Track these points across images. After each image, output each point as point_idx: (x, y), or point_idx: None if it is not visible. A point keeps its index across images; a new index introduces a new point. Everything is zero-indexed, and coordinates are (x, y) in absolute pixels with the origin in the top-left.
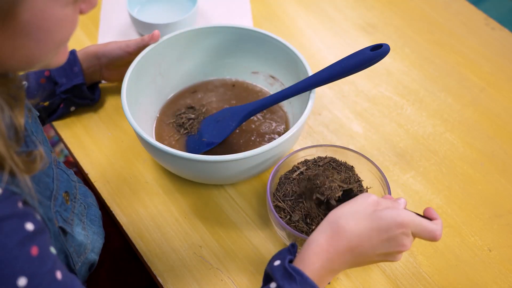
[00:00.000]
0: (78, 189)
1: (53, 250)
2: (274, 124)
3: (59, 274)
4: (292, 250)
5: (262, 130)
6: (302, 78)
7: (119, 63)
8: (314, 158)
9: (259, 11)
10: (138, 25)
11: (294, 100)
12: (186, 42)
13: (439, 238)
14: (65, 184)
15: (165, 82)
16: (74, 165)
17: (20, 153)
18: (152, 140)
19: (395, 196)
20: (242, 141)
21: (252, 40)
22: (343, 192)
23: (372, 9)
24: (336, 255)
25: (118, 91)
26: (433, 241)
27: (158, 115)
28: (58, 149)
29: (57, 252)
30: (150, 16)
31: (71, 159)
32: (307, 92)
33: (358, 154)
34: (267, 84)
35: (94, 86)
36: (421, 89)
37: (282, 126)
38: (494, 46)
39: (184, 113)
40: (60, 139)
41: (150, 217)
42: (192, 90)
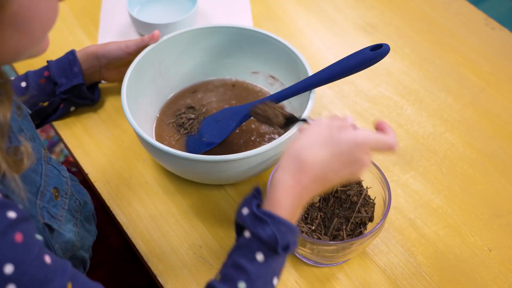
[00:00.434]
0: (73, 187)
1: (38, 237)
2: None
3: (48, 258)
4: (257, 195)
5: (262, 130)
6: (302, 78)
7: (119, 64)
8: None
9: (259, 11)
10: (138, 25)
11: (294, 100)
12: (186, 42)
13: (396, 147)
14: (55, 180)
15: (165, 82)
16: (74, 165)
17: (7, 150)
18: (152, 140)
19: (395, 196)
20: (242, 141)
21: (252, 40)
22: (286, 119)
23: (372, 9)
24: (303, 190)
25: (118, 91)
26: (391, 151)
27: (158, 115)
28: (58, 149)
29: None
30: (150, 16)
31: (71, 159)
32: (307, 92)
33: None
34: (267, 84)
35: (93, 86)
36: (421, 89)
37: None
38: (494, 46)
39: (184, 113)
40: (60, 139)
41: (150, 217)
42: (192, 90)
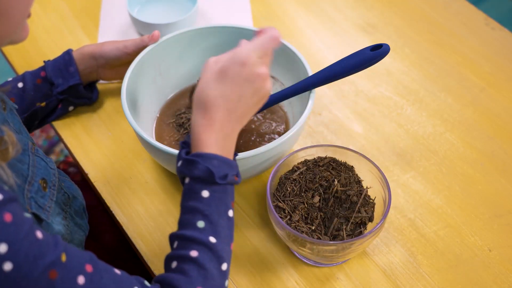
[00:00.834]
0: (64, 182)
1: (27, 215)
2: (274, 124)
3: (40, 234)
4: (184, 145)
5: (262, 130)
6: (302, 78)
7: (117, 63)
8: (314, 158)
9: (259, 11)
10: (138, 25)
11: (294, 100)
12: (186, 42)
13: (278, 35)
14: (42, 171)
15: (165, 82)
16: (74, 165)
17: None
18: (152, 140)
19: (395, 196)
20: (242, 141)
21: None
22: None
23: (372, 9)
24: (219, 123)
25: (118, 91)
26: (278, 43)
27: (158, 115)
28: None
29: None
30: (150, 16)
31: (71, 159)
32: (307, 92)
33: (358, 154)
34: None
35: (91, 86)
36: (421, 89)
37: (282, 126)
38: (494, 46)
39: (184, 113)
40: (60, 139)
41: (150, 217)
42: (192, 90)
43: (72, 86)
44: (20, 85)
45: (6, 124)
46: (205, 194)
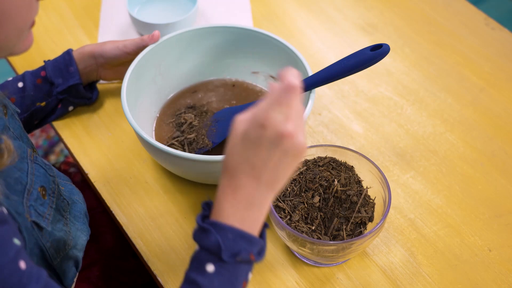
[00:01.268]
0: (64, 186)
1: (17, 242)
2: None
3: (23, 264)
4: (206, 208)
5: None
6: (302, 78)
7: (117, 63)
8: (314, 158)
9: (259, 11)
10: (138, 25)
11: None
12: (186, 42)
13: (294, 82)
14: (41, 178)
15: (165, 82)
16: (74, 165)
17: None
18: (152, 140)
19: (395, 196)
20: None
21: (252, 40)
22: None
23: (372, 9)
24: (242, 190)
25: (118, 91)
26: (295, 90)
27: (158, 115)
28: (58, 149)
29: (31, 246)
30: (150, 16)
31: (71, 159)
32: (307, 92)
33: (358, 154)
34: (267, 84)
35: (91, 86)
36: (421, 89)
37: None
38: (494, 46)
39: (184, 112)
40: (60, 139)
41: (150, 217)
42: (192, 90)
43: (72, 86)
44: (20, 84)
45: (6, 130)
46: (210, 268)
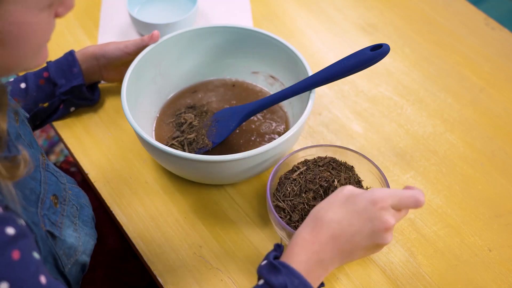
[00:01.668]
0: (71, 190)
1: (36, 255)
2: (274, 124)
3: (43, 279)
4: (278, 249)
5: (262, 130)
6: (302, 78)
7: (118, 64)
8: (314, 158)
9: (259, 11)
10: (138, 25)
11: (294, 100)
12: (186, 42)
13: (423, 200)
14: (53, 187)
15: (165, 82)
16: (74, 165)
17: (2, 159)
18: (152, 140)
19: None
20: (242, 141)
21: (252, 40)
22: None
23: (372, 9)
24: (320, 245)
25: (118, 91)
26: (418, 206)
27: (158, 115)
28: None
29: (45, 255)
30: (150, 16)
31: (71, 159)
32: (307, 92)
33: (358, 154)
34: (267, 84)
35: (93, 87)
36: (421, 89)
37: (282, 126)
38: (494, 46)
39: (184, 112)
40: (60, 139)
41: (150, 217)
42: (192, 90)
43: (75, 87)
44: (22, 85)
45: (19, 139)
46: None
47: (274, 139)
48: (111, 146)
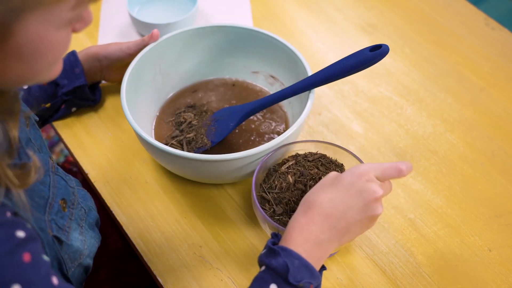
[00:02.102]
0: (78, 192)
1: (46, 258)
2: (273, 123)
3: (55, 280)
4: (275, 237)
5: (261, 130)
6: (302, 78)
7: (120, 64)
8: (305, 153)
9: (259, 11)
10: (138, 25)
11: (293, 100)
12: (186, 42)
13: (406, 170)
14: (62, 191)
15: (165, 81)
16: (74, 165)
17: (13, 166)
18: (150, 139)
19: (395, 196)
20: (241, 140)
21: (252, 40)
22: None
23: (372, 9)
24: (315, 226)
25: (118, 91)
26: (400, 175)
27: (157, 114)
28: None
29: (50, 260)
30: (150, 16)
31: (71, 159)
32: (307, 92)
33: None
34: (267, 84)
35: (94, 87)
36: (421, 89)
37: (282, 126)
38: (494, 46)
39: (183, 111)
40: (60, 139)
41: (150, 217)
42: (192, 90)
43: (77, 87)
44: (25, 86)
45: (30, 145)
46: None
47: (274, 139)
48: (111, 146)
